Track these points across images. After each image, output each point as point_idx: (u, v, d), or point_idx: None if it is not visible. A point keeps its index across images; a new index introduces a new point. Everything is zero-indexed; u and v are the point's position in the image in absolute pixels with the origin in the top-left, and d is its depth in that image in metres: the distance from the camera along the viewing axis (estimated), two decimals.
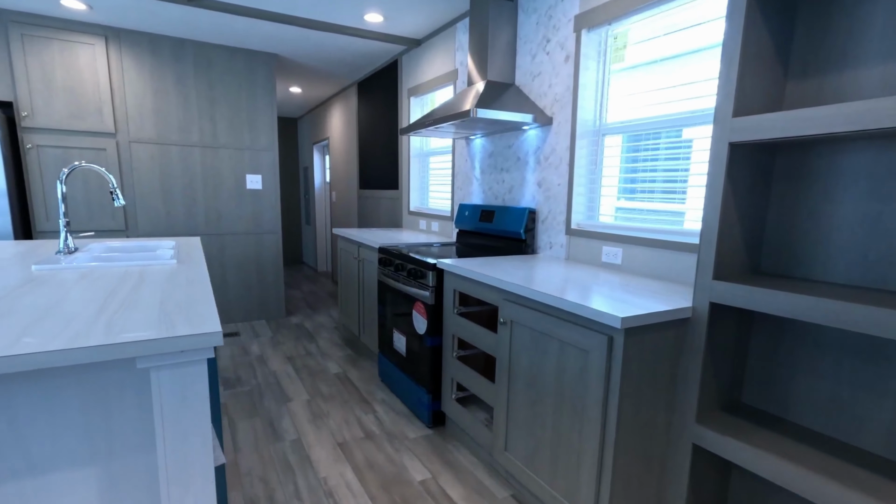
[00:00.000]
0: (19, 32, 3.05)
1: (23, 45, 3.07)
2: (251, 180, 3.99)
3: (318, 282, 5.92)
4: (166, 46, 3.52)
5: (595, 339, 1.40)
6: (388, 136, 4.27)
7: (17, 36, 3.05)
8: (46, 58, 3.15)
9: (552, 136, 2.37)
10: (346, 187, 5.46)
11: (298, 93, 5.46)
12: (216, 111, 3.77)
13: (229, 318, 4.05)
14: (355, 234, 3.33)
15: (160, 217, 3.66)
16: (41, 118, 3.18)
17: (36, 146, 3.20)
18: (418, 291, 2.31)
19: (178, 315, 1.14)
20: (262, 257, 4.12)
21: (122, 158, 3.48)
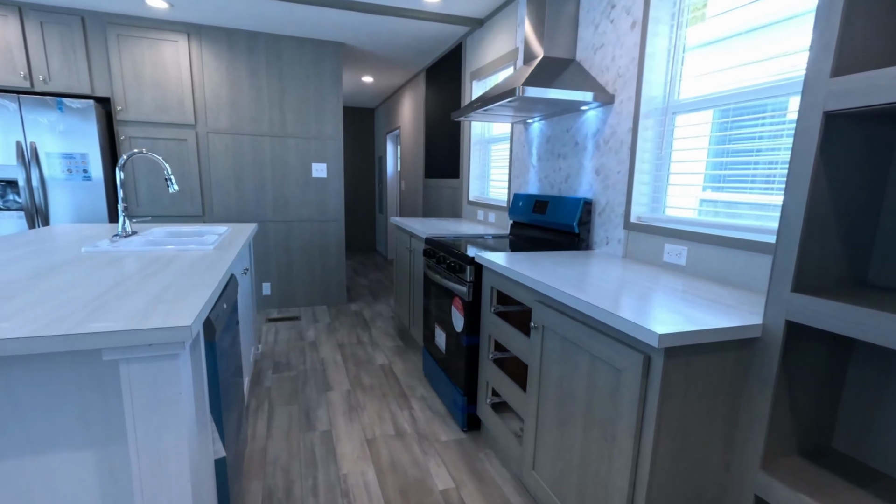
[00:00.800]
0: (116, 33, 3.36)
1: (118, 44, 3.38)
2: (317, 169, 4.09)
3: (385, 270, 6.01)
4: (241, 40, 3.68)
5: (629, 356, 1.16)
6: (451, 123, 4.14)
7: (113, 37, 3.36)
8: (137, 56, 3.44)
9: (613, 116, 2.08)
10: (413, 176, 5.43)
11: (371, 82, 5.52)
12: (285, 101, 3.89)
13: (292, 302, 4.21)
14: (407, 224, 3.26)
15: (232, 204, 3.88)
16: (132, 112, 3.49)
17: (128, 138, 3.52)
18: (457, 287, 2.17)
19: (164, 305, 1.11)
20: (326, 244, 4.22)
21: (201, 148, 3.72)
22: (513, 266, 1.75)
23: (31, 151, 3.17)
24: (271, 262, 4.08)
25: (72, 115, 3.21)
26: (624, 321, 1.14)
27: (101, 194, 3.36)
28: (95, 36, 3.34)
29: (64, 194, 3.28)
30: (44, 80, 3.27)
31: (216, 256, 1.73)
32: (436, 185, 4.59)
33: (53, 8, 3.21)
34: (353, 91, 6.04)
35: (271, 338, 3.38)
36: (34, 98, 3.12)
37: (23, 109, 3.12)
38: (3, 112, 3.08)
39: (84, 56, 3.32)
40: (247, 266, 2.38)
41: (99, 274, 1.40)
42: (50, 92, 3.31)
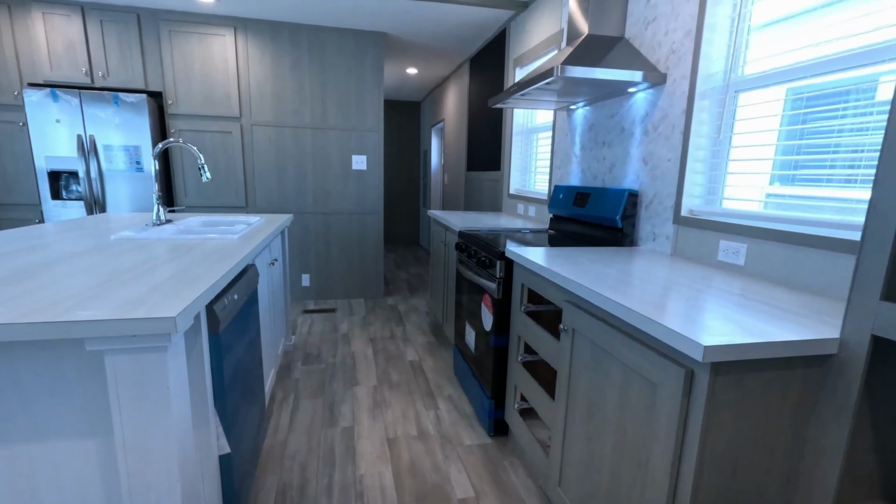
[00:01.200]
0: (168, 29, 3.47)
1: (170, 40, 3.49)
2: (357, 161, 4.06)
3: (426, 265, 5.95)
4: (285, 33, 3.71)
5: (667, 369, 0.98)
6: (493, 113, 3.98)
7: (166, 32, 3.47)
8: (187, 51, 3.54)
9: (664, 98, 1.86)
10: (455, 169, 5.32)
11: (415, 74, 5.45)
12: (327, 93, 3.89)
13: (330, 294, 4.23)
14: (443, 217, 3.15)
15: (274, 195, 3.94)
16: (182, 105, 3.61)
17: (178, 130, 3.64)
18: (486, 283, 2.03)
19: (159, 295, 1.06)
20: (364, 237, 4.20)
21: (245, 140, 3.79)
22: (544, 262, 1.59)
23: (90, 144, 3.34)
24: (310, 253, 4.11)
25: (126, 109, 3.35)
26: (661, 328, 0.97)
27: (153, 185, 3.49)
28: (149, 32, 3.46)
29: (119, 185, 3.44)
30: (103, 76, 3.43)
31: (236, 246, 1.70)
32: (477, 178, 4.45)
33: (112, 6, 3.36)
34: (398, 84, 6.00)
35: (305, 329, 3.39)
36: (93, 93, 3.28)
37: (83, 104, 3.29)
38: (66, 107, 3.26)
39: (139, 52, 3.45)
40: (276, 257, 2.36)
41: (114, 261, 1.39)
42: (108, 87, 3.47)
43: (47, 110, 3.24)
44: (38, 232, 1.92)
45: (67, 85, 3.41)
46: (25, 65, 3.31)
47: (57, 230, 1.99)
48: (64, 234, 1.89)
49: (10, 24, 3.24)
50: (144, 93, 3.61)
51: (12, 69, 3.29)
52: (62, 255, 1.44)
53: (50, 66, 3.33)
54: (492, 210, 4.01)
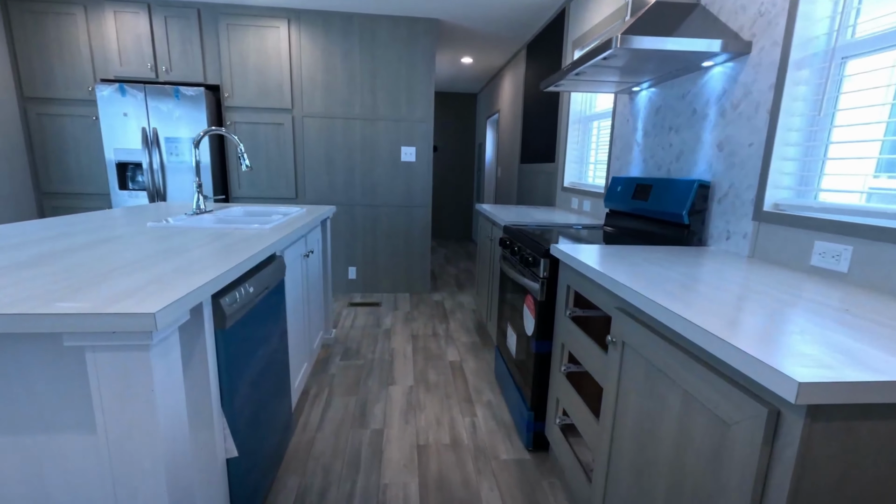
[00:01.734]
0: (226, 23, 3.54)
1: (228, 34, 3.56)
2: (405, 152, 3.96)
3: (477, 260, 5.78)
4: (336, 23, 3.67)
5: (743, 406, 0.76)
6: (548, 101, 3.72)
7: (224, 27, 3.54)
8: (244, 44, 3.59)
9: (747, 70, 1.56)
10: (509, 162, 5.10)
11: (470, 63, 5.27)
12: (377, 83, 3.81)
13: (376, 287, 4.17)
14: (489, 211, 2.96)
15: (324, 187, 3.93)
16: (238, 98, 3.67)
17: (233, 123, 3.72)
18: (529, 283, 1.83)
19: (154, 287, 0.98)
20: (412, 231, 4.10)
21: (296, 131, 3.81)
22: (592, 261, 1.38)
23: (153, 136, 3.48)
24: (358, 246, 4.08)
25: (186, 102, 3.45)
26: (735, 352, 0.74)
27: (208, 176, 3.58)
28: (209, 27, 3.54)
29: (179, 176, 3.56)
30: (166, 70, 3.56)
31: (264, 236, 1.63)
32: (531, 170, 4.21)
33: (175, 2, 3.47)
34: (453, 75, 5.85)
35: (348, 322, 3.34)
36: (156, 87, 3.41)
37: (148, 98, 3.42)
38: (132, 101, 3.41)
39: (199, 46, 3.54)
40: (311, 249, 2.29)
41: (134, 249, 1.35)
42: (170, 81, 3.60)
43: (116, 104, 3.41)
44: (84, 219, 1.97)
45: (134, 80, 3.57)
46: (98, 61, 3.50)
47: (102, 217, 2.03)
48: (106, 221, 1.92)
49: (86, 24, 3.43)
50: (203, 86, 3.71)
51: (87, 66, 3.49)
52: (90, 242, 1.42)
53: (119, 63, 3.50)
54: (545, 205, 3.76)
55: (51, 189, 3.62)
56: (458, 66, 5.38)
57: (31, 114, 3.51)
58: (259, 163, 3.81)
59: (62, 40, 3.44)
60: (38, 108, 3.52)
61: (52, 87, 3.49)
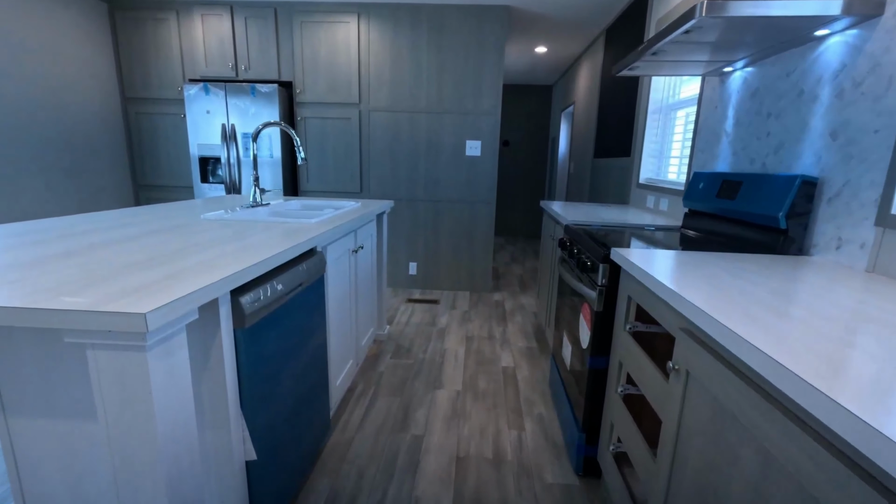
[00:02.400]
0: (300, 20, 3.63)
1: (301, 31, 3.66)
2: (470, 146, 3.84)
3: None
4: (404, 15, 3.63)
5: (851, 488, 0.55)
6: (625, 89, 3.40)
7: (297, 24, 3.64)
8: (315, 40, 3.67)
9: (878, 37, 1.24)
10: (582, 157, 4.78)
11: (545, 53, 5.01)
12: (443, 76, 3.72)
13: (436, 284, 4.10)
14: (553, 208, 2.75)
15: (388, 181, 3.92)
16: (308, 94, 3.76)
17: (304, 118, 3.82)
18: (586, 290, 1.64)
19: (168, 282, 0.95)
20: (474, 227, 3.98)
21: (362, 126, 3.83)
22: (657, 269, 1.16)
23: (231, 132, 3.67)
24: (419, 241, 4.03)
25: (260, 98, 3.60)
26: (845, 414, 0.54)
27: (278, 171, 3.71)
28: (284, 25, 3.66)
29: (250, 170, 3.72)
30: (245, 69, 3.73)
31: (307, 231, 1.59)
32: (604, 166, 3.90)
33: (254, 3, 3.62)
34: (527, 66, 5.62)
35: (404, 318, 3.30)
36: (235, 85, 3.58)
37: (228, 96, 3.62)
38: (214, 99, 3.62)
39: (274, 45, 3.67)
40: (361, 244, 2.25)
41: (174, 241, 1.37)
42: (248, 79, 3.77)
43: (201, 102, 3.63)
44: (149, 210, 2.07)
45: (217, 79, 3.79)
46: (187, 62, 3.76)
47: (167, 209, 2.13)
48: (170, 212, 2.00)
49: (177, 28, 3.69)
50: (276, 83, 3.85)
51: (177, 67, 3.76)
52: (137, 234, 1.46)
53: (205, 63, 3.73)
54: (618, 203, 3.46)
55: (145, 181, 3.97)
56: (532, 56, 5.14)
57: (131, 113, 3.86)
58: (326, 157, 3.89)
59: (158, 44, 3.73)
60: (137, 107, 3.85)
61: (148, 87, 3.81)
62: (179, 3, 3.65)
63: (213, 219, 1.79)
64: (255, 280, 1.18)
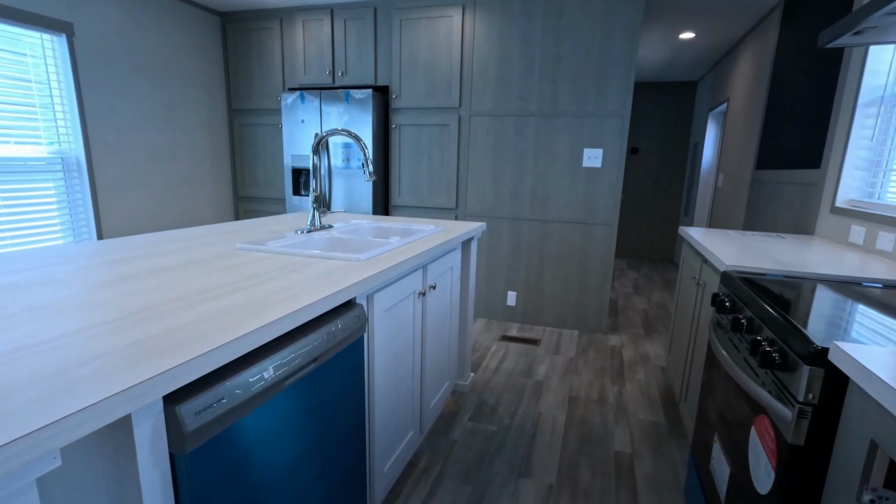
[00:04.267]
0: (399, 18, 3.38)
1: (400, 30, 3.40)
2: (589, 156, 3.23)
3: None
4: (517, 2, 3.17)
5: None
6: (817, 76, 2.53)
7: (397, 22, 3.39)
8: (414, 39, 3.39)
9: None
10: (736, 167, 3.84)
11: (691, 40, 4.17)
12: (559, 71, 3.18)
13: (538, 319, 3.53)
14: (699, 239, 2.05)
15: (487, 196, 3.48)
16: (405, 98, 3.49)
17: (398, 126, 3.56)
18: (768, 399, 1.00)
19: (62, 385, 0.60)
20: (589, 254, 3.34)
21: (462, 133, 3.44)
22: None
23: (323, 143, 3.53)
24: (520, 267, 3.51)
25: (354, 105, 3.41)
26: None
27: (369, 182, 3.48)
28: (383, 25, 3.44)
29: (341, 182, 3.56)
30: (342, 75, 3.59)
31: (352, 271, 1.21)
32: (772, 179, 3.00)
33: (355, 3, 3.46)
34: (666, 58, 4.78)
35: (494, 363, 2.81)
36: (330, 92, 3.45)
37: (322, 103, 3.49)
38: (309, 107, 3.52)
39: (372, 47, 3.47)
40: (434, 282, 1.83)
41: (182, 284, 1.07)
42: (344, 85, 3.62)
43: (296, 111, 3.56)
44: (188, 234, 1.88)
45: (314, 87, 3.70)
46: (288, 71, 3.73)
47: (209, 232, 1.93)
48: (207, 238, 1.79)
49: (280, 36, 3.68)
50: (372, 88, 3.64)
51: (278, 76, 3.75)
52: (142, 272, 1.21)
53: (304, 71, 3.67)
54: (794, 230, 2.58)
55: (244, 193, 4.04)
56: (674, 45, 4.31)
57: (236, 124, 3.96)
58: (420, 169, 3.58)
59: (262, 53, 3.76)
60: (241, 118, 3.94)
61: (251, 98, 3.86)
62: (283, 10, 3.64)
63: (249, 250, 1.50)
64: (223, 368, 0.81)
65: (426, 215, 3.61)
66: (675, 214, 6.11)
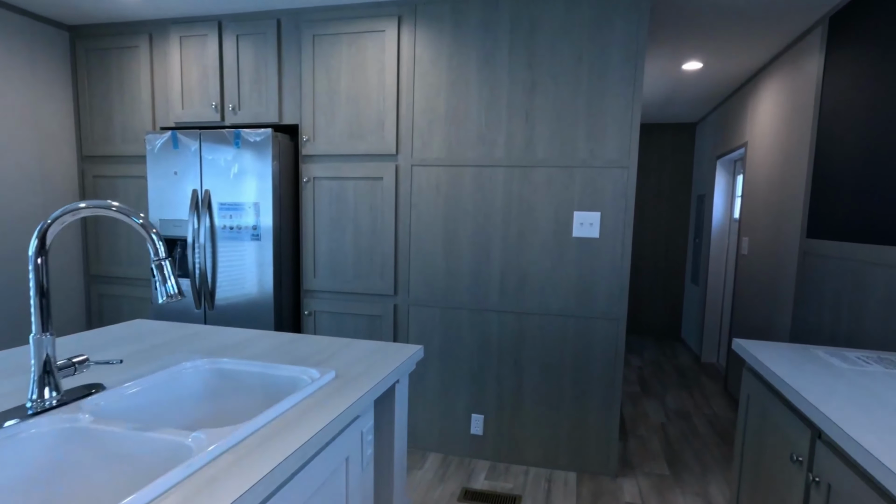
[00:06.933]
0: (311, 33, 2.53)
1: (313, 49, 2.54)
2: (581, 221, 2.35)
3: (696, 384, 3.66)
4: (473, 12, 2.36)
5: None
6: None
7: (309, 39, 2.53)
8: (333, 61, 2.52)
9: None
10: (771, 231, 3.02)
11: (697, 71, 3.46)
12: (535, 104, 2.34)
13: (516, 455, 2.51)
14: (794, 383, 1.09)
15: (439, 278, 2.53)
16: (321, 142, 2.58)
17: (311, 179, 2.62)
18: None
19: None
20: (588, 360, 2.39)
21: (400, 189, 2.53)
22: None
23: (205, 202, 2.57)
24: (489, 379, 2.52)
25: (248, 150, 2.48)
26: None
27: (268, 255, 2.50)
28: (290, 43, 2.58)
29: (230, 257, 2.57)
30: (233, 110, 2.68)
31: None
32: (841, 253, 2.15)
33: (250, 14, 2.60)
34: (665, 95, 4.08)
35: None
36: (214, 133, 2.52)
37: (203, 148, 2.55)
38: (185, 154, 2.58)
39: (275, 73, 2.59)
40: None
41: None
42: (237, 124, 2.70)
43: (167, 159, 2.61)
44: None
45: (197, 125, 2.77)
46: (160, 105, 2.81)
47: None
48: None
49: (149, 57, 2.77)
50: (274, 128, 2.74)
51: (145, 112, 2.81)
52: None
53: (182, 104, 2.74)
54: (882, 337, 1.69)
55: (98, 271, 2.99)
56: (674, 79, 3.60)
57: (88, 177, 2.97)
58: (344, 238, 2.62)
59: (124, 81, 2.83)
60: (95, 168, 2.95)
61: (110, 142, 2.90)
62: (154, 23, 2.75)
63: None
64: None
65: (353, 304, 2.63)
66: (680, 280, 5.29)
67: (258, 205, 2.51)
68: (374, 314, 2.61)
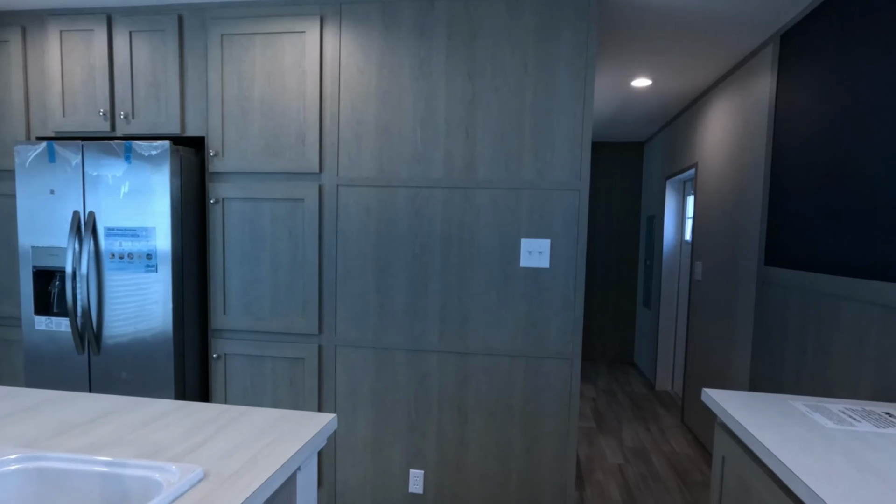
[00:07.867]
0: (219, 33, 2.20)
1: (221, 51, 2.21)
2: (529, 249, 2.11)
3: (652, 416, 3.49)
4: (406, 14, 2.11)
5: None
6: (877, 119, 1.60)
7: (216, 38, 2.20)
8: (246, 65, 2.20)
9: None
10: (726, 257, 2.91)
11: (646, 88, 3.36)
12: (476, 119, 2.10)
13: None
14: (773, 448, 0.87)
15: (370, 314, 2.22)
16: (231, 157, 2.24)
17: (221, 200, 2.27)
18: None
19: None
20: (539, 405, 2.14)
21: (325, 212, 2.22)
22: None
23: (88, 227, 2.16)
24: (429, 430, 2.22)
25: (142, 166, 2.10)
26: None
27: (167, 287, 2.12)
28: (194, 42, 2.23)
29: (119, 291, 2.16)
30: (126, 118, 2.29)
31: None
32: (801, 284, 2.01)
33: (146, 7, 2.24)
34: (612, 112, 3.98)
35: None
36: (99, 145, 2.12)
37: (85, 163, 2.15)
38: (64, 168, 2.16)
39: (176, 77, 2.23)
40: None
41: None
42: (129, 135, 2.32)
43: (41, 176, 2.18)
44: None
45: (81, 135, 2.37)
46: (35, 111, 2.38)
47: None
48: None
49: (22, 54, 2.35)
50: (176, 140, 2.37)
51: (17, 118, 2.38)
52: None
53: (63, 111, 2.33)
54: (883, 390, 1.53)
55: None
56: (624, 96, 3.50)
57: None
58: (260, 269, 2.27)
59: None
60: None
61: None
62: (27, 14, 2.34)
63: None
64: None
65: (271, 345, 2.27)
66: (632, 303, 5.20)
67: (154, 229, 2.13)
68: (295, 356, 2.26)
